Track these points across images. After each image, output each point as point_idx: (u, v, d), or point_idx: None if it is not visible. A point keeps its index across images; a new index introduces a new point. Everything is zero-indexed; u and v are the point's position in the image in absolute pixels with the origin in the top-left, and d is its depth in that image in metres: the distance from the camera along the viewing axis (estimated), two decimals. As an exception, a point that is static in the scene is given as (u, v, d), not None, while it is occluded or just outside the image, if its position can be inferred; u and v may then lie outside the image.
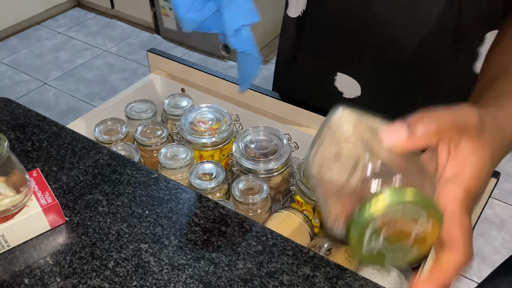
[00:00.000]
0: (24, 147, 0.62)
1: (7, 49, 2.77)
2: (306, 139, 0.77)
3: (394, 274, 0.60)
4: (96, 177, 0.57)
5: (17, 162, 0.49)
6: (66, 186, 0.56)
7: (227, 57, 2.56)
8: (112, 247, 0.49)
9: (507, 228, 1.74)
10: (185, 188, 0.56)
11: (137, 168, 0.59)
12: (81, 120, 0.80)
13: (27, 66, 2.62)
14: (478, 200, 0.54)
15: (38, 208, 0.50)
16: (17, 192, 0.49)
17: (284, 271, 0.47)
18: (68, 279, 0.47)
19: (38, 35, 2.90)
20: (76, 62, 2.66)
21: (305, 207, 0.70)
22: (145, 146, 0.77)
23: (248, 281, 0.46)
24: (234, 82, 0.83)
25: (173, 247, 0.49)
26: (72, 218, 0.53)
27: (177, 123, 0.79)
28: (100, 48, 2.78)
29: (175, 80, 0.90)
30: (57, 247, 0.50)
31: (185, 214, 0.53)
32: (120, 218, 0.53)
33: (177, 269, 0.47)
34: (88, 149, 0.61)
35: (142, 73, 2.55)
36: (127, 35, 2.90)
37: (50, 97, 2.40)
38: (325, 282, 0.47)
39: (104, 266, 0.48)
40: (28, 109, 0.68)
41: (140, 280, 0.46)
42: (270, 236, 0.51)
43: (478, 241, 1.70)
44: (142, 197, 0.55)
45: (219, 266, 0.48)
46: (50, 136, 0.63)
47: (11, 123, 0.66)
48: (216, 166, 0.72)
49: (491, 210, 1.81)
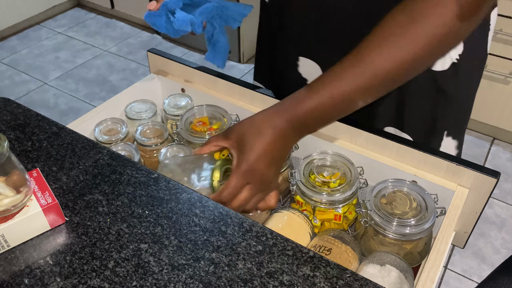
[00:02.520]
0: (24, 147, 0.62)
1: (7, 49, 2.77)
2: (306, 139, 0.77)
3: (394, 274, 0.60)
4: (96, 177, 0.57)
5: (17, 162, 0.49)
6: (66, 186, 0.56)
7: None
8: (112, 247, 0.49)
9: (507, 228, 1.74)
10: (185, 188, 0.57)
11: (137, 168, 0.59)
12: (81, 120, 0.80)
13: (27, 66, 2.62)
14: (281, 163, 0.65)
15: (38, 208, 0.50)
16: (17, 192, 0.49)
17: (284, 271, 0.47)
18: (68, 279, 0.47)
19: (38, 35, 2.90)
20: (76, 62, 2.66)
21: (305, 207, 0.70)
22: (145, 146, 0.77)
23: (248, 281, 0.46)
24: (234, 82, 0.83)
25: (173, 247, 0.49)
26: (72, 218, 0.53)
27: (177, 123, 0.79)
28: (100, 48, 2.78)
29: (175, 80, 0.90)
30: (57, 247, 0.50)
31: (185, 214, 0.53)
32: (120, 218, 0.53)
33: (177, 269, 0.47)
34: (88, 149, 0.61)
35: (142, 73, 2.55)
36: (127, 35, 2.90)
37: (50, 97, 2.40)
38: (325, 282, 0.47)
39: (104, 266, 0.48)
40: (28, 109, 0.68)
41: (140, 280, 0.46)
42: (270, 236, 0.51)
43: (478, 241, 1.70)
44: (142, 197, 0.55)
45: (219, 266, 0.48)
46: (50, 136, 0.63)
47: (11, 123, 0.66)
48: (216, 166, 0.72)
49: (491, 210, 1.81)
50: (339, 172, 0.70)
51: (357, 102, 0.58)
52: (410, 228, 0.62)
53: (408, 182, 0.67)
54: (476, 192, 0.67)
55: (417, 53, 0.54)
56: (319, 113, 0.58)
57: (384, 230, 0.63)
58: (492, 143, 2.10)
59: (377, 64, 0.55)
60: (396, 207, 0.64)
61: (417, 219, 0.62)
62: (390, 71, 0.55)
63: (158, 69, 0.92)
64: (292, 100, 0.60)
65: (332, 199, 0.67)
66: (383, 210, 0.63)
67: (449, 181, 0.68)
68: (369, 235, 0.66)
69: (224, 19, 0.79)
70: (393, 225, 0.62)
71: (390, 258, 0.61)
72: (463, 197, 0.67)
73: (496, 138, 2.12)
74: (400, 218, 0.63)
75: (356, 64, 0.56)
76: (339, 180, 0.69)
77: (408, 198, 0.65)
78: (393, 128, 0.79)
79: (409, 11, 0.54)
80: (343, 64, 0.57)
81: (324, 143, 0.75)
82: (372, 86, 0.56)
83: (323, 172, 0.71)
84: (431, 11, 0.53)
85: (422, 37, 0.53)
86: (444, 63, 0.70)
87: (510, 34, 1.74)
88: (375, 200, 0.65)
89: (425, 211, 0.63)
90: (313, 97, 0.58)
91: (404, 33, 0.54)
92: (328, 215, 0.69)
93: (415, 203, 0.65)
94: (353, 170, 0.69)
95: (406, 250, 0.64)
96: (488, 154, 2.05)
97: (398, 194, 0.66)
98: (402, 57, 0.54)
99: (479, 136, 2.13)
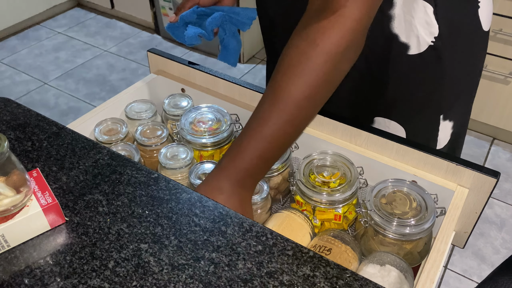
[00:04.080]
0: (24, 147, 0.62)
1: (7, 49, 2.77)
2: (306, 139, 0.77)
3: (394, 274, 0.60)
4: (96, 177, 0.57)
5: (17, 162, 0.49)
6: (66, 186, 0.56)
7: (227, 57, 2.55)
8: (112, 247, 0.50)
9: (507, 228, 1.74)
10: (185, 188, 0.57)
11: (137, 168, 0.59)
12: (81, 120, 0.80)
13: (27, 66, 2.62)
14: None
15: (38, 208, 0.50)
16: (17, 192, 0.49)
17: (284, 271, 0.47)
18: (68, 279, 0.47)
19: (38, 35, 2.90)
20: (76, 62, 2.66)
21: (305, 207, 0.70)
22: (145, 146, 0.77)
23: (248, 281, 0.46)
24: (234, 82, 0.83)
25: (173, 247, 0.49)
26: (72, 218, 0.53)
27: (177, 123, 0.79)
28: (100, 48, 2.78)
29: (175, 80, 0.90)
30: (57, 247, 0.50)
31: (185, 214, 0.53)
32: (120, 218, 0.53)
33: (177, 269, 0.47)
34: (88, 149, 0.61)
35: (142, 73, 2.55)
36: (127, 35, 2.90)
37: (50, 97, 2.40)
38: (325, 282, 0.47)
39: (104, 266, 0.48)
40: (28, 109, 0.68)
41: (140, 280, 0.46)
42: (270, 236, 0.51)
43: (478, 241, 1.70)
44: (142, 197, 0.55)
45: (219, 266, 0.48)
46: (50, 136, 0.63)
47: (11, 123, 0.66)
48: (216, 166, 0.72)
49: (491, 210, 1.81)
50: (339, 172, 0.70)
51: (292, 135, 0.60)
52: (410, 228, 0.62)
53: (408, 182, 0.67)
54: (476, 192, 0.67)
55: (327, 71, 0.56)
56: (260, 161, 0.59)
57: (384, 230, 0.63)
58: (492, 143, 2.10)
59: (294, 94, 0.57)
60: (396, 207, 0.64)
61: (417, 219, 0.62)
62: (309, 96, 0.57)
63: (158, 69, 0.92)
64: (229, 158, 0.60)
65: (332, 199, 0.67)
66: (383, 210, 0.63)
67: (449, 181, 0.68)
68: (369, 235, 0.66)
69: (234, 23, 0.84)
70: (393, 225, 0.62)
71: (390, 258, 0.61)
72: (463, 197, 0.67)
73: (496, 138, 2.12)
74: (400, 218, 0.63)
75: (275, 102, 0.57)
76: (339, 180, 0.69)
77: (408, 198, 0.65)
78: (382, 118, 0.79)
79: (309, 37, 0.56)
80: (264, 105, 0.58)
81: (324, 143, 0.75)
82: (298, 115, 0.58)
83: (323, 172, 0.71)
84: (329, 31, 0.55)
85: (326, 56, 0.56)
86: (420, 46, 0.70)
87: (510, 34, 1.74)
88: (375, 200, 0.65)
89: (425, 211, 0.63)
90: (247, 149, 0.58)
91: (309, 58, 0.56)
92: (328, 215, 0.69)
93: (415, 203, 0.65)
94: (353, 170, 0.69)
95: (406, 250, 0.64)
96: (488, 154, 2.05)
97: (398, 194, 0.66)
98: (315, 79, 0.56)
99: (479, 136, 2.13)
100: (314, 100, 0.58)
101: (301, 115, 0.58)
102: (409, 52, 0.71)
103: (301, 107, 0.57)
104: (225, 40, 0.85)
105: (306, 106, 0.57)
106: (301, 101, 0.57)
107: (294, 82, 0.56)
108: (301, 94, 0.56)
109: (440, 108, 0.77)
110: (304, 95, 0.56)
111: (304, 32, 0.57)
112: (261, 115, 0.58)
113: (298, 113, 0.57)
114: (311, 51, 0.56)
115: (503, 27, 1.74)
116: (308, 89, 0.56)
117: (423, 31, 0.68)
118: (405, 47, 0.70)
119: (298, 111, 0.57)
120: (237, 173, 0.59)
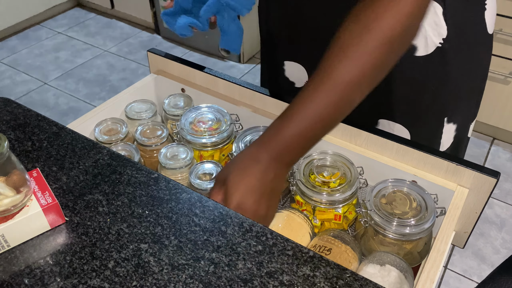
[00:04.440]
0: (24, 147, 0.62)
1: (7, 49, 2.77)
2: (306, 139, 0.77)
3: (394, 274, 0.60)
4: (96, 177, 0.57)
5: (17, 162, 0.49)
6: (66, 186, 0.56)
7: (227, 57, 2.55)
8: (112, 247, 0.50)
9: (507, 228, 1.74)
10: (185, 188, 0.57)
11: (137, 168, 0.59)
12: (81, 120, 0.80)
13: (27, 66, 2.62)
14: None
15: (38, 208, 0.50)
16: (17, 192, 0.49)
17: (284, 271, 0.47)
18: (68, 279, 0.47)
19: (38, 35, 2.90)
20: (76, 62, 2.66)
21: (305, 207, 0.70)
22: (145, 146, 0.77)
23: (248, 281, 0.46)
24: (234, 82, 0.83)
25: (173, 247, 0.49)
26: (72, 218, 0.53)
27: (177, 123, 0.79)
28: (100, 48, 2.78)
29: (175, 80, 0.90)
30: (57, 247, 0.50)
31: (185, 214, 0.53)
32: (120, 218, 0.53)
33: (177, 269, 0.47)
34: (88, 149, 0.61)
35: (142, 73, 2.55)
36: (127, 35, 2.90)
37: (50, 97, 2.40)
38: (325, 282, 0.47)
39: (104, 266, 0.48)
40: (28, 109, 0.68)
41: (140, 280, 0.46)
42: (270, 236, 0.51)
43: (478, 241, 1.70)
44: (142, 197, 0.55)
45: (219, 266, 0.48)
46: (50, 136, 0.63)
47: (11, 123, 0.66)
48: (216, 166, 0.72)
49: (491, 210, 1.81)
50: (339, 172, 0.70)
51: (336, 117, 0.58)
52: (410, 228, 0.62)
53: (408, 182, 0.67)
54: (476, 192, 0.67)
55: (379, 56, 0.55)
56: (301, 139, 0.58)
57: (384, 230, 0.63)
58: (492, 143, 2.10)
59: (343, 76, 0.55)
60: (396, 207, 0.64)
61: (417, 219, 0.62)
62: (358, 80, 0.56)
63: (158, 69, 0.92)
64: (271, 131, 0.59)
65: (332, 199, 0.67)
66: (383, 210, 0.63)
67: (449, 181, 0.68)
68: (369, 235, 0.66)
69: (233, 8, 0.81)
70: (393, 225, 0.62)
71: (390, 258, 0.61)
72: (463, 197, 0.67)
73: (496, 138, 2.12)
74: (400, 218, 0.63)
75: (322, 83, 0.56)
76: (339, 180, 0.69)
77: (408, 198, 0.65)
78: (387, 121, 0.79)
79: (362, 22, 0.55)
80: (311, 85, 0.57)
81: (324, 143, 0.75)
82: (344, 98, 0.57)
83: (323, 172, 0.71)
84: (384, 16, 0.54)
85: (380, 41, 0.54)
86: (427, 47, 0.70)
87: (510, 34, 1.74)
88: (375, 200, 0.65)
89: (425, 211, 0.63)
90: (290, 125, 0.57)
91: (361, 42, 0.55)
92: (328, 215, 0.69)
93: (415, 203, 0.65)
94: (353, 170, 0.69)
95: (406, 250, 0.64)
96: (488, 154, 2.05)
97: (398, 194, 0.66)
98: (366, 63, 0.55)
99: (479, 136, 2.13)
100: (362, 84, 0.57)
101: (347, 98, 0.57)
102: (416, 54, 0.70)
103: (348, 90, 0.56)
104: (225, 26, 0.83)
105: (353, 89, 0.56)
106: (349, 84, 0.56)
107: (344, 64, 0.55)
108: (350, 76, 0.55)
109: (445, 111, 0.77)
110: (352, 78, 0.55)
111: (357, 17, 0.56)
112: (306, 94, 0.57)
113: (344, 96, 0.56)
114: (364, 35, 0.54)
115: (503, 27, 1.74)
116: (357, 73, 0.55)
117: (431, 31, 0.68)
118: (413, 48, 0.70)
119: (345, 93, 0.56)
120: (277, 147, 0.58)
